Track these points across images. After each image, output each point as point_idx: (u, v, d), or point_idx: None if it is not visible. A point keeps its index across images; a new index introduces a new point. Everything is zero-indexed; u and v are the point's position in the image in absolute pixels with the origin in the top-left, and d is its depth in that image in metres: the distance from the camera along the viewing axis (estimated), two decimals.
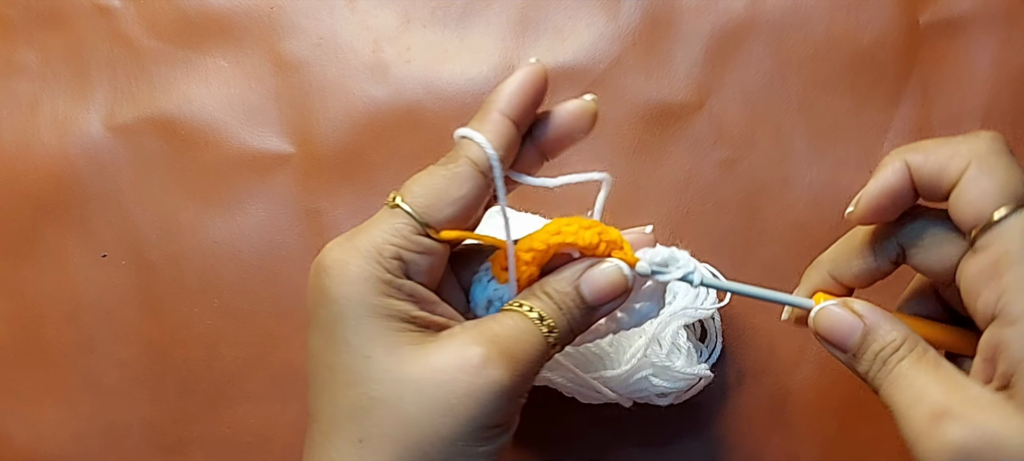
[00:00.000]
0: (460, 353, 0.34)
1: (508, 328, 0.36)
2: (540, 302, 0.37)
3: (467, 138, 0.37)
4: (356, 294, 0.35)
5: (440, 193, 0.36)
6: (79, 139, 0.55)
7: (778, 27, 0.55)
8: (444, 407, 0.33)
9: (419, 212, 0.36)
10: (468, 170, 0.37)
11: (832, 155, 0.53)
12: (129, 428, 0.51)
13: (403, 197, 0.36)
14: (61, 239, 0.54)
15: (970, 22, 0.54)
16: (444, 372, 0.34)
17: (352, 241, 0.36)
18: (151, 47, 0.56)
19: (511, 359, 0.34)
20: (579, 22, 0.55)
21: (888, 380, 0.36)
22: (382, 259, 0.35)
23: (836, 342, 0.38)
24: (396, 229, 0.36)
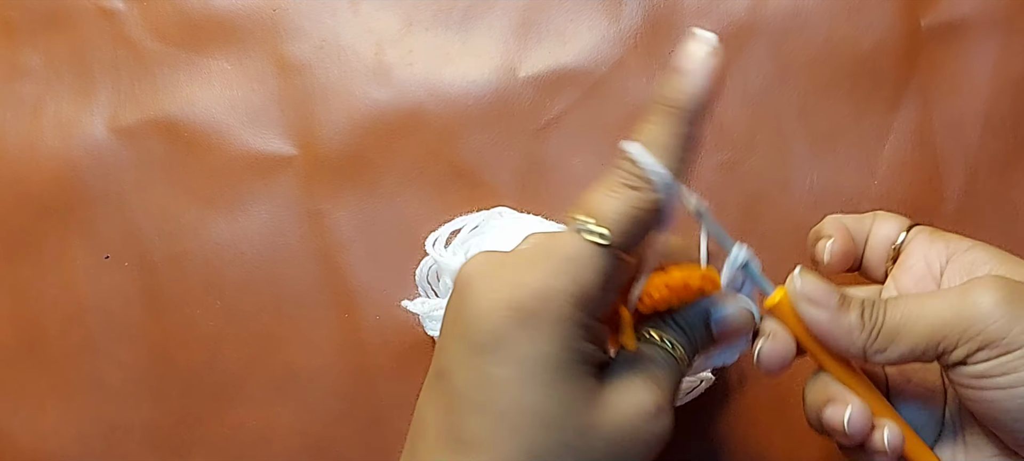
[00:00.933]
0: (638, 401, 0.34)
1: (664, 369, 0.36)
2: (678, 335, 0.37)
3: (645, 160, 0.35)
4: (565, 340, 0.33)
5: (640, 223, 0.34)
6: (82, 141, 0.55)
7: (779, 31, 0.55)
8: (622, 455, 0.34)
9: (625, 246, 0.34)
10: (656, 198, 0.34)
11: (832, 159, 0.53)
12: (131, 429, 0.51)
13: (612, 234, 0.34)
14: (64, 240, 0.54)
15: (971, 26, 0.54)
16: (626, 420, 0.34)
17: (558, 280, 0.33)
18: (154, 49, 0.56)
19: (671, 400, 0.35)
20: (581, 25, 0.55)
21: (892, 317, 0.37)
22: (592, 306, 0.34)
23: (821, 303, 0.38)
24: (606, 271, 0.34)
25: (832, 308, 0.37)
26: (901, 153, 0.53)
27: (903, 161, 0.53)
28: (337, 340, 0.52)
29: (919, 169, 0.53)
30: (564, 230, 0.35)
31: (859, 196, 0.53)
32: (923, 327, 0.36)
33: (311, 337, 0.52)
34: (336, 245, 0.53)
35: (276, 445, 0.51)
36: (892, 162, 0.53)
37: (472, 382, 0.33)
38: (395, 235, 0.53)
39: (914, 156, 0.53)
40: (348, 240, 0.53)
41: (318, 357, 0.52)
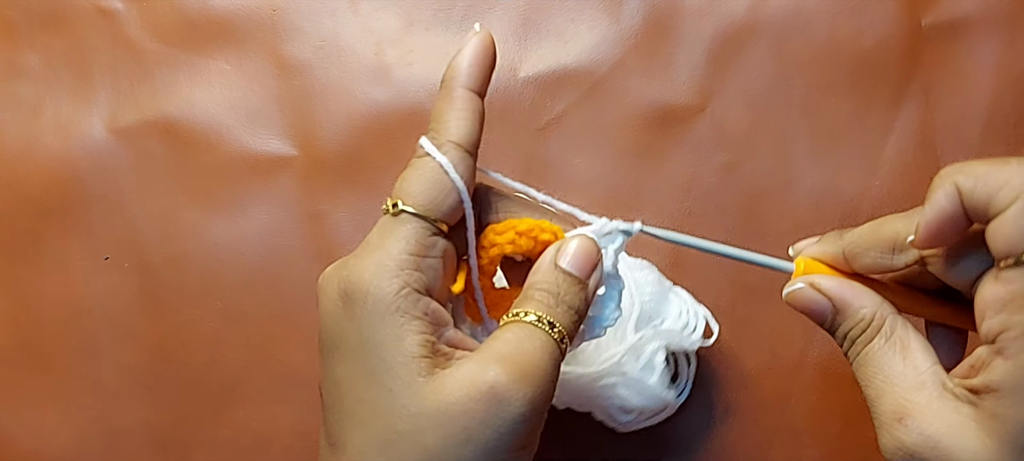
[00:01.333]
0: (472, 381, 0.33)
1: (511, 342, 0.34)
2: (533, 302, 0.36)
3: (441, 125, 0.37)
4: (382, 316, 0.34)
5: (438, 186, 0.36)
6: (81, 142, 0.55)
7: (780, 30, 0.55)
8: (464, 438, 0.33)
9: (426, 211, 0.35)
10: (457, 154, 0.36)
11: (834, 158, 0.53)
12: (130, 430, 0.51)
13: (404, 201, 0.35)
14: (63, 241, 0.54)
15: (972, 25, 0.54)
16: (459, 403, 0.33)
17: (368, 260, 0.35)
18: (153, 50, 0.56)
19: (522, 375, 0.33)
20: (581, 25, 0.55)
21: (857, 363, 0.36)
22: (405, 275, 0.34)
23: (814, 320, 0.38)
24: (410, 236, 0.35)
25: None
26: (903, 152, 0.53)
27: (904, 160, 0.53)
28: None
29: (921, 168, 0.53)
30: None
31: (860, 196, 0.53)
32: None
33: (311, 338, 0.52)
34: (336, 245, 0.53)
35: (275, 445, 0.51)
36: (894, 161, 0.53)
37: (327, 386, 0.35)
38: None
39: (915, 155, 0.53)
40: (347, 240, 0.53)
41: (317, 358, 0.51)
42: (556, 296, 0.36)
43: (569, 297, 0.36)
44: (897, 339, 0.36)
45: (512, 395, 0.33)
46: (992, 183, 0.33)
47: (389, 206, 0.36)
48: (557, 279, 0.36)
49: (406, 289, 0.34)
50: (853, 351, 0.37)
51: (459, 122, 0.37)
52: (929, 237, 0.35)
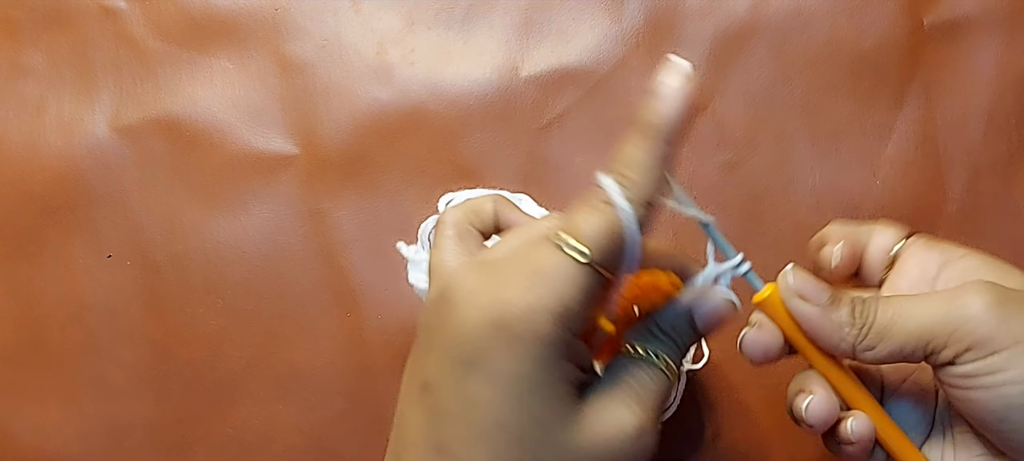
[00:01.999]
0: (619, 421, 0.34)
1: (647, 385, 0.36)
2: (663, 345, 0.37)
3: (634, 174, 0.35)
4: (545, 359, 0.33)
5: (619, 242, 0.34)
6: (84, 140, 0.55)
7: (781, 30, 0.55)
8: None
9: (605, 266, 0.34)
10: (642, 214, 0.35)
11: (835, 158, 0.53)
12: (133, 427, 0.51)
13: (593, 254, 0.33)
14: (66, 240, 0.54)
15: (974, 25, 0.54)
16: (604, 441, 0.34)
17: (538, 297, 0.33)
18: (156, 48, 0.56)
19: (654, 417, 0.35)
20: (583, 24, 0.55)
21: (883, 315, 0.37)
22: (573, 324, 0.34)
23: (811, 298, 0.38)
24: (587, 289, 0.34)
25: (823, 304, 0.37)
26: (903, 152, 0.53)
27: (906, 160, 0.53)
28: (339, 339, 0.52)
29: (921, 168, 0.53)
30: (545, 243, 0.34)
31: (861, 196, 0.53)
32: (912, 326, 0.36)
33: (313, 336, 0.52)
34: (338, 244, 0.53)
35: (278, 444, 0.51)
36: (894, 161, 0.53)
37: (455, 397, 0.34)
38: (397, 234, 0.53)
39: (917, 155, 0.53)
40: (350, 239, 0.53)
41: (320, 356, 0.52)
42: (681, 347, 0.37)
43: (685, 349, 0.38)
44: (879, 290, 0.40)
45: (650, 438, 0.35)
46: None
47: (573, 247, 0.34)
48: (687, 333, 0.38)
49: (571, 339, 0.34)
50: (870, 314, 0.37)
51: (652, 181, 0.35)
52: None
